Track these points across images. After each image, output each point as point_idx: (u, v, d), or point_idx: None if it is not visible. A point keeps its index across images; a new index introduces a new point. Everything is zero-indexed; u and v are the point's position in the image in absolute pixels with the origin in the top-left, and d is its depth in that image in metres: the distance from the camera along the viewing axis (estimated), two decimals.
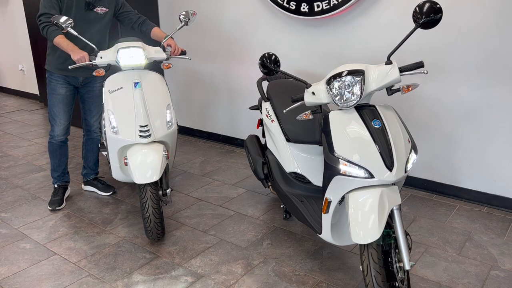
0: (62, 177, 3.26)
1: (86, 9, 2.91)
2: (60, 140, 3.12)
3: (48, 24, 2.78)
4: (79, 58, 2.72)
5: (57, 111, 3.03)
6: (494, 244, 2.58)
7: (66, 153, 3.22)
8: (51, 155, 3.18)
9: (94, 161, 3.41)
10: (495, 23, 2.74)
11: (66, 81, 3.02)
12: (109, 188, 3.40)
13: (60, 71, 2.98)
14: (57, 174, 3.24)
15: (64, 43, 2.75)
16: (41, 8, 2.82)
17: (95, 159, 3.41)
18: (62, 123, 3.06)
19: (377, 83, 1.90)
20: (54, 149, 3.15)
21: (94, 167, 3.43)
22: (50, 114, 3.06)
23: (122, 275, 2.35)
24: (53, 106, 3.02)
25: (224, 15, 4.12)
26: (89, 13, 2.93)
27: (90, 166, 3.42)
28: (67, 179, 3.31)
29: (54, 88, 3.00)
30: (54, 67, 2.98)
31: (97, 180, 3.45)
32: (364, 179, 1.81)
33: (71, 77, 3.03)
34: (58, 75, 2.99)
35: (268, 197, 3.28)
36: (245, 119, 4.30)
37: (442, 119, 3.09)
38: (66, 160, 3.24)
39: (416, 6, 1.84)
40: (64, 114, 3.05)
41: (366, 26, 3.25)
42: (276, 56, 2.20)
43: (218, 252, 2.56)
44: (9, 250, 2.63)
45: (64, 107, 3.03)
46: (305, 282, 2.26)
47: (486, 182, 3.03)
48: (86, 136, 3.33)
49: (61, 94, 3.01)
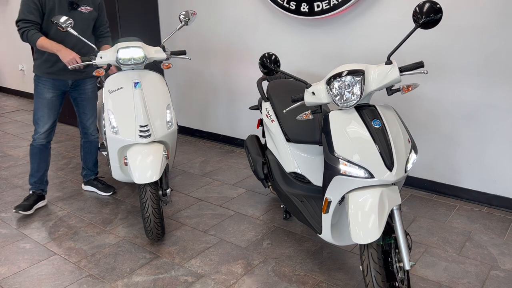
0: (39, 184, 3.13)
1: (70, 9, 2.84)
2: (40, 144, 3.02)
3: (26, 29, 2.73)
4: (69, 60, 2.67)
5: (41, 115, 2.96)
6: (494, 244, 2.58)
7: (46, 159, 3.10)
8: (31, 159, 3.07)
9: (93, 162, 3.40)
10: (495, 23, 2.74)
11: (54, 85, 2.95)
12: (109, 188, 3.39)
13: (49, 75, 2.92)
14: (34, 180, 3.11)
15: (48, 44, 2.72)
16: (19, 13, 2.75)
17: (94, 160, 3.40)
18: (45, 127, 2.98)
19: (377, 83, 1.90)
20: (34, 152, 3.04)
21: (94, 167, 3.42)
22: (34, 117, 2.98)
23: (122, 275, 2.35)
24: (38, 110, 2.96)
25: (224, 15, 4.12)
26: (73, 13, 2.87)
27: (89, 167, 3.40)
28: (44, 188, 3.17)
29: (41, 92, 2.93)
30: (42, 71, 2.92)
31: (97, 180, 3.44)
32: (364, 179, 1.81)
33: (59, 81, 2.97)
34: (45, 79, 2.93)
35: (268, 197, 3.28)
36: (245, 119, 4.30)
37: (442, 119, 3.09)
38: (45, 167, 3.11)
39: (416, 6, 1.84)
40: (48, 119, 2.97)
41: (366, 26, 3.25)
42: (276, 56, 2.20)
43: (218, 252, 2.56)
44: (9, 250, 2.63)
45: (48, 111, 2.96)
46: (305, 282, 2.26)
47: (486, 182, 3.03)
48: (84, 139, 3.30)
49: (47, 98, 2.94)
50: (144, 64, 2.74)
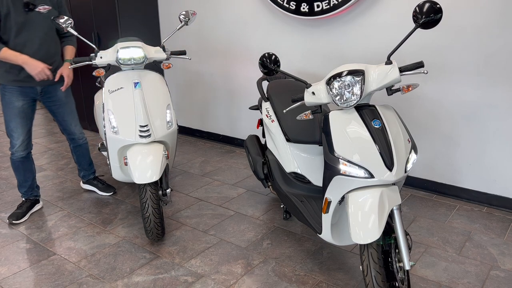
0: (30, 191, 3.06)
1: (27, 11, 2.67)
2: (21, 156, 2.90)
3: None
4: (38, 73, 2.60)
5: (14, 126, 2.81)
6: (494, 244, 2.58)
7: (31, 168, 3.01)
8: (15, 172, 2.98)
9: (88, 163, 3.35)
10: (495, 23, 2.74)
11: (22, 92, 2.80)
12: (109, 188, 3.38)
13: (15, 83, 2.76)
14: (24, 190, 3.04)
15: (12, 56, 2.59)
16: None
17: (89, 161, 3.35)
18: (20, 138, 2.85)
19: (377, 83, 1.90)
20: (16, 166, 2.94)
21: (89, 167, 3.38)
22: (7, 129, 2.84)
23: (122, 275, 2.35)
24: (10, 121, 2.81)
25: (224, 15, 4.12)
26: (30, 14, 2.69)
27: (85, 168, 3.36)
28: (36, 193, 3.11)
29: (9, 101, 2.78)
30: (7, 79, 2.75)
31: (97, 180, 3.42)
32: (364, 179, 1.81)
33: (28, 88, 2.81)
34: (12, 87, 2.77)
35: (268, 197, 3.28)
36: (245, 119, 4.30)
37: (442, 119, 3.09)
38: (32, 175, 3.03)
39: (416, 6, 1.84)
40: (22, 129, 2.84)
41: (366, 26, 3.25)
42: (276, 56, 2.20)
43: (218, 252, 2.56)
44: (9, 250, 2.63)
45: (21, 121, 2.82)
46: (305, 282, 2.26)
47: (486, 182, 3.03)
48: (73, 144, 3.21)
49: (17, 107, 2.79)
50: (144, 64, 2.74)
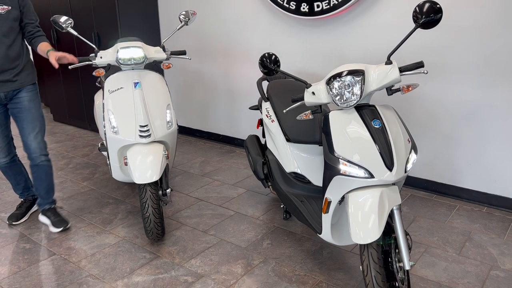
0: (26, 192, 3.02)
1: None
2: (5, 163, 2.80)
3: None
4: None
5: None
6: (494, 244, 2.58)
7: (20, 170, 2.92)
8: (5, 176, 2.90)
9: (45, 190, 2.84)
10: (496, 23, 2.74)
11: None
12: (61, 223, 2.81)
13: None
14: (20, 191, 3.00)
15: None
16: None
17: (46, 188, 2.84)
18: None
19: (377, 83, 1.90)
20: (4, 171, 2.86)
21: (46, 196, 2.87)
22: None
23: (122, 275, 2.35)
24: None
25: (224, 15, 4.12)
26: None
27: (41, 195, 2.85)
28: (33, 193, 3.04)
29: None
30: None
31: (51, 211, 2.88)
32: (364, 179, 1.81)
33: None
34: None
35: (268, 197, 3.28)
36: (245, 119, 4.30)
37: (442, 119, 3.09)
38: (23, 177, 2.95)
39: (416, 6, 1.84)
40: None
41: (366, 26, 3.25)
42: (276, 56, 2.20)
43: (218, 252, 2.56)
44: (9, 250, 2.63)
45: None
46: (305, 282, 2.26)
47: (486, 182, 3.03)
48: (30, 162, 2.77)
49: None
50: (144, 64, 2.74)
